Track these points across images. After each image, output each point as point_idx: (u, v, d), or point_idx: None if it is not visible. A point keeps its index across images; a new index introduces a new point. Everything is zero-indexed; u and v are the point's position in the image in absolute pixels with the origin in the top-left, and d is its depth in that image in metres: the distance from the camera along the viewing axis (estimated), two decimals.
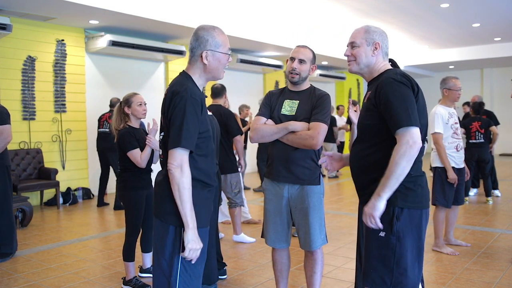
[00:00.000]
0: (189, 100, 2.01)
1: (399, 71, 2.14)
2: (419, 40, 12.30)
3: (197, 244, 2.02)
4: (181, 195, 1.99)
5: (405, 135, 1.97)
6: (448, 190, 4.49)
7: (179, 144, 1.99)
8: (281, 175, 2.90)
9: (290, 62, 2.95)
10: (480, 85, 16.15)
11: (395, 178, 1.97)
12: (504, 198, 7.65)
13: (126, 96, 3.70)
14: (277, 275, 3.11)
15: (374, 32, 2.25)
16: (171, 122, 2.03)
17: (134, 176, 3.64)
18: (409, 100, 2.02)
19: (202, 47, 2.12)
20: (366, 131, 2.18)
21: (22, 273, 4.19)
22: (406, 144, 1.95)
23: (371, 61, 2.23)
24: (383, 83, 2.09)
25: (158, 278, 2.10)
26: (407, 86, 2.05)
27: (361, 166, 2.20)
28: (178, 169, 1.99)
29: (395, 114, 2.00)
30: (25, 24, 7.35)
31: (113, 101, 7.35)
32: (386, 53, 2.27)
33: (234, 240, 5.16)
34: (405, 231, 2.06)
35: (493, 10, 9.16)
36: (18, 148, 7.22)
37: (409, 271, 2.07)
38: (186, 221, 1.99)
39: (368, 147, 2.16)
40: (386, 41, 2.28)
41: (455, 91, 4.46)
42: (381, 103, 2.06)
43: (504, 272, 4.00)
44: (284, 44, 10.26)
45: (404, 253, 2.06)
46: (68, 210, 7.23)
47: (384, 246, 2.07)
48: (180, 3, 7.94)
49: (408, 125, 1.97)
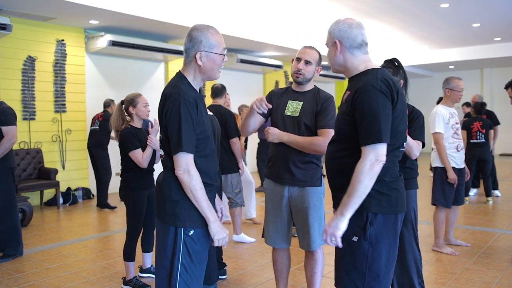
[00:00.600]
0: (182, 103, 2.01)
1: (382, 75, 2.01)
2: (419, 40, 12.30)
3: (223, 233, 2.10)
4: (195, 196, 2.03)
5: (371, 152, 1.92)
6: (448, 190, 4.49)
7: (181, 148, 2.00)
8: (282, 177, 2.90)
9: (296, 62, 2.93)
10: (480, 85, 16.16)
11: (357, 197, 1.92)
12: (504, 198, 7.65)
13: (131, 96, 3.69)
14: (277, 275, 3.11)
15: (332, 30, 2.13)
16: (168, 127, 2.04)
17: (136, 176, 3.64)
18: (383, 113, 1.93)
19: (196, 48, 2.10)
20: (342, 134, 2.12)
21: (22, 273, 4.19)
22: (369, 161, 1.91)
23: (339, 60, 2.12)
24: (362, 89, 1.98)
25: (161, 277, 2.11)
26: (385, 95, 1.95)
27: (334, 169, 2.16)
28: (186, 174, 2.01)
29: (366, 128, 1.94)
30: (25, 24, 7.35)
31: (106, 102, 7.40)
32: (354, 46, 2.09)
33: (234, 240, 5.16)
34: (379, 236, 2.02)
35: (493, 10, 9.16)
36: (18, 148, 7.21)
37: (382, 276, 2.03)
38: (206, 217, 2.07)
39: (343, 149, 2.11)
40: (349, 33, 2.09)
41: (457, 92, 4.45)
42: (357, 110, 1.99)
43: (504, 272, 4.00)
44: (284, 44, 10.27)
45: (377, 259, 2.02)
46: (68, 210, 7.23)
47: (356, 251, 2.04)
48: (180, 3, 7.94)
49: (376, 142, 1.91)
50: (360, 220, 2.02)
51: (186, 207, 2.07)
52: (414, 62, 14.16)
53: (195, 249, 2.09)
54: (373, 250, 2.02)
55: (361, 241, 2.02)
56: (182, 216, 2.06)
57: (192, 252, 2.08)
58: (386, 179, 2.02)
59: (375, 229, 2.02)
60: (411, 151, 2.96)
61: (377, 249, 2.02)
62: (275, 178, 2.95)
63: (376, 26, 10.32)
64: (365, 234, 2.01)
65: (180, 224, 2.06)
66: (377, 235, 2.02)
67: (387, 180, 2.03)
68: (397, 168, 2.13)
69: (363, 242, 2.02)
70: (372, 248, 2.02)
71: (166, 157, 2.12)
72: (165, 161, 2.14)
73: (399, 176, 2.12)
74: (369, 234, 2.01)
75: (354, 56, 2.10)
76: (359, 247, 2.03)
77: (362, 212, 2.00)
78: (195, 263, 2.09)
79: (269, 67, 11.57)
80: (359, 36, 2.10)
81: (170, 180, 2.08)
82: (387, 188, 2.03)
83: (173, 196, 2.07)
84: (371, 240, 2.01)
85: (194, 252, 2.08)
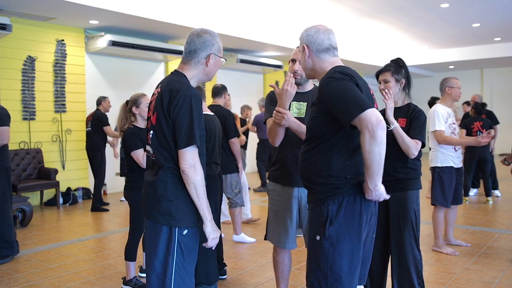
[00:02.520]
0: (193, 98, 2.02)
1: (339, 68, 2.05)
2: (419, 40, 12.30)
3: (216, 233, 2.12)
4: (198, 192, 2.02)
5: (361, 122, 1.85)
6: (448, 190, 4.50)
7: (192, 142, 1.99)
8: (293, 178, 2.85)
9: (292, 64, 2.91)
10: (480, 85, 16.16)
11: (376, 166, 1.88)
12: (504, 198, 7.65)
13: (135, 96, 3.71)
14: (278, 276, 3.09)
15: (302, 36, 2.21)
16: (177, 121, 2.01)
17: (140, 176, 3.63)
18: (351, 91, 1.93)
19: (208, 50, 2.15)
20: (313, 132, 2.12)
21: (22, 273, 4.19)
22: (366, 129, 1.84)
23: (308, 64, 2.19)
24: (321, 85, 2.03)
25: (151, 280, 2.10)
26: (344, 80, 1.97)
27: (307, 167, 2.14)
28: (192, 169, 2.00)
29: (344, 108, 1.91)
30: (25, 24, 7.35)
31: (98, 99, 7.30)
32: (320, 50, 2.15)
33: (234, 240, 5.16)
34: (340, 236, 2.00)
35: (493, 10, 9.16)
36: (18, 148, 7.22)
37: (344, 278, 2.00)
38: (204, 215, 2.07)
39: (312, 148, 2.11)
40: (316, 37, 2.15)
41: (457, 89, 4.51)
42: (325, 103, 1.99)
43: (504, 272, 4.00)
44: (284, 44, 10.27)
45: (338, 259, 2.00)
46: (68, 210, 7.23)
47: (319, 250, 2.03)
48: (180, 3, 7.94)
49: (360, 111, 1.85)
50: (321, 218, 2.02)
51: (181, 207, 2.06)
52: (414, 62, 14.16)
53: (188, 248, 2.08)
54: (333, 250, 2.00)
55: (322, 240, 2.02)
56: (177, 216, 2.05)
57: (185, 252, 2.07)
58: (348, 176, 2.02)
59: (336, 229, 2.00)
60: (408, 150, 2.94)
61: (338, 250, 2.00)
62: (283, 181, 2.90)
63: (376, 26, 10.33)
64: (324, 233, 2.01)
65: (175, 224, 2.05)
66: (338, 235, 2.00)
67: (349, 177, 2.02)
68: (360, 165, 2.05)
69: (324, 241, 2.01)
70: (333, 248, 2.00)
71: (159, 156, 2.08)
72: (158, 160, 2.09)
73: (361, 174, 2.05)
74: (329, 234, 2.00)
75: (321, 60, 2.17)
76: (320, 246, 2.02)
77: (323, 209, 2.02)
78: (188, 262, 2.09)
79: (269, 67, 11.58)
80: (326, 41, 2.16)
81: (166, 179, 2.05)
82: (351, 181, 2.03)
83: (168, 196, 2.05)
84: (331, 240, 2.00)
85: (187, 251, 2.08)
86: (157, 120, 2.08)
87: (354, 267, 2.04)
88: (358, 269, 2.07)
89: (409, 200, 3.03)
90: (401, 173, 3.03)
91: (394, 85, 3.06)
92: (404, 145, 2.94)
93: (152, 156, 2.14)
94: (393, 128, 2.93)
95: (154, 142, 2.11)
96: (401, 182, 3.02)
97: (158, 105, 2.08)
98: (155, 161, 2.12)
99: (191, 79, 2.16)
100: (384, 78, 3.08)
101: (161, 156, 2.08)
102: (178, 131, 2.01)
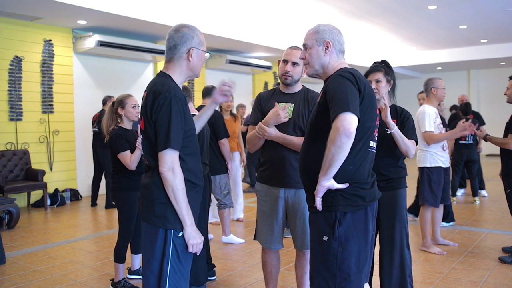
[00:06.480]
0: (174, 99, 2.00)
1: (350, 69, 2.07)
2: (407, 42, 12.40)
3: (198, 238, 2.08)
4: (176, 196, 2.00)
5: (336, 119, 1.89)
6: (437, 189, 4.56)
7: (169, 145, 1.98)
8: (279, 179, 2.86)
9: (283, 64, 2.91)
10: (467, 86, 16.32)
11: (326, 163, 1.92)
12: (491, 198, 7.73)
13: (120, 97, 3.68)
14: (267, 277, 3.10)
15: (323, 31, 2.17)
16: (157, 123, 2.01)
17: (126, 177, 3.62)
18: (350, 92, 1.95)
19: (188, 44, 2.12)
20: (316, 131, 2.13)
21: (9, 275, 4.14)
22: (335, 127, 1.89)
23: (324, 61, 2.17)
24: (330, 79, 2.08)
25: (148, 280, 2.10)
26: (351, 82, 1.99)
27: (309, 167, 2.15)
28: (170, 172, 1.99)
29: (334, 103, 1.94)
30: (12, 24, 7.27)
31: (104, 99, 7.34)
32: (340, 51, 2.20)
33: (223, 241, 5.15)
34: (349, 236, 2.02)
35: (479, 12, 9.27)
36: (4, 149, 7.14)
37: (353, 276, 2.03)
38: (183, 220, 2.04)
39: (313, 147, 2.13)
40: (339, 37, 2.19)
41: (442, 89, 4.60)
42: (327, 97, 2.01)
43: (490, 271, 4.05)
44: (273, 45, 10.28)
45: (347, 258, 2.02)
46: (55, 211, 7.16)
47: (326, 251, 2.04)
48: (169, 3, 7.91)
49: (343, 111, 1.89)
50: (329, 219, 2.03)
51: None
52: (402, 63, 14.28)
53: (183, 250, 2.09)
54: (342, 250, 2.02)
55: (331, 240, 2.03)
56: (172, 218, 2.05)
57: (180, 253, 2.08)
58: (356, 181, 2.03)
59: (344, 228, 2.02)
60: (408, 150, 3.01)
61: (347, 249, 2.02)
62: (270, 181, 2.91)
63: (364, 27, 10.38)
64: (333, 234, 2.02)
65: (170, 226, 2.05)
66: (347, 235, 2.02)
67: (356, 182, 2.04)
68: (366, 171, 2.10)
69: (333, 241, 2.02)
70: (342, 248, 2.02)
71: (151, 160, 2.09)
72: (150, 164, 2.10)
73: (367, 179, 2.09)
74: (338, 234, 2.02)
75: (338, 59, 2.19)
76: (329, 247, 2.03)
77: (331, 210, 2.02)
78: (183, 263, 2.10)
79: (258, 68, 11.59)
80: (343, 43, 2.22)
81: (159, 182, 2.05)
82: (356, 190, 2.04)
83: (162, 198, 2.05)
84: (340, 239, 2.02)
85: (182, 253, 2.08)
86: (145, 124, 2.09)
87: (362, 265, 2.07)
88: (365, 267, 2.10)
89: (400, 198, 3.08)
90: (392, 172, 3.08)
91: (384, 86, 3.09)
92: (404, 147, 2.98)
93: (145, 160, 2.16)
94: (394, 131, 2.97)
95: (144, 146, 2.12)
96: (392, 181, 3.07)
97: (144, 109, 2.09)
98: (148, 165, 2.13)
99: (177, 77, 2.15)
100: (376, 78, 3.10)
101: (152, 160, 2.09)
102: (158, 134, 2.01)
